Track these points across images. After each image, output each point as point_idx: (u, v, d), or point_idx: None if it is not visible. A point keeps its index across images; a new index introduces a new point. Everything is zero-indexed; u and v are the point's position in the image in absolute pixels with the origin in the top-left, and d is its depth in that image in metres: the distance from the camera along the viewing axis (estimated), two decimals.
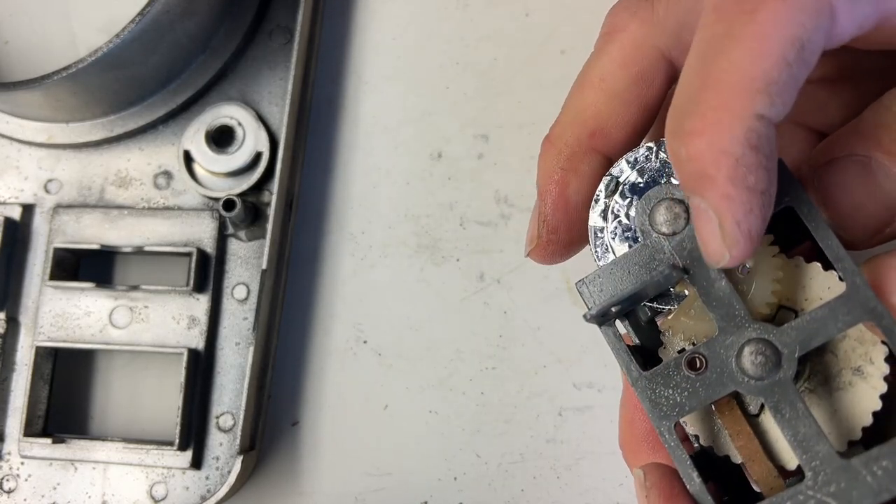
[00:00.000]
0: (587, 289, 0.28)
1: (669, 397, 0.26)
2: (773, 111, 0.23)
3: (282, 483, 0.44)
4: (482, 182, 0.45)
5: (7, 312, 0.45)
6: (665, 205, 0.28)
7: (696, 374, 0.26)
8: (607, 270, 0.28)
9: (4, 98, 0.45)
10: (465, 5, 0.48)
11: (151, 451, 0.42)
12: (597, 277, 0.28)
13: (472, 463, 0.43)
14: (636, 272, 0.28)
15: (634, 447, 0.30)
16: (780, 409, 0.25)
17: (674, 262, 0.27)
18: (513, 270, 0.44)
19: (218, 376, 0.43)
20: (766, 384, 0.25)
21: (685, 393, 0.26)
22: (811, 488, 0.24)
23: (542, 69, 0.46)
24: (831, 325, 0.25)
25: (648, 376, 0.27)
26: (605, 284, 0.28)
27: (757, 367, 0.25)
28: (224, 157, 0.45)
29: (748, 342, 0.25)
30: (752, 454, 0.26)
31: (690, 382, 0.26)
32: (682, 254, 0.27)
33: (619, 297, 0.27)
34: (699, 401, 0.26)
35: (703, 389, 0.26)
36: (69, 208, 0.46)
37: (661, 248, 0.27)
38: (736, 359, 0.26)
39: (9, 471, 0.44)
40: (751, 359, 0.25)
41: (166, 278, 0.46)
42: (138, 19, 0.42)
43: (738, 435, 0.27)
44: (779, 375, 0.25)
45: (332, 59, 0.48)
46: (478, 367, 0.44)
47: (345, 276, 0.46)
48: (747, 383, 0.25)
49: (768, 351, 0.25)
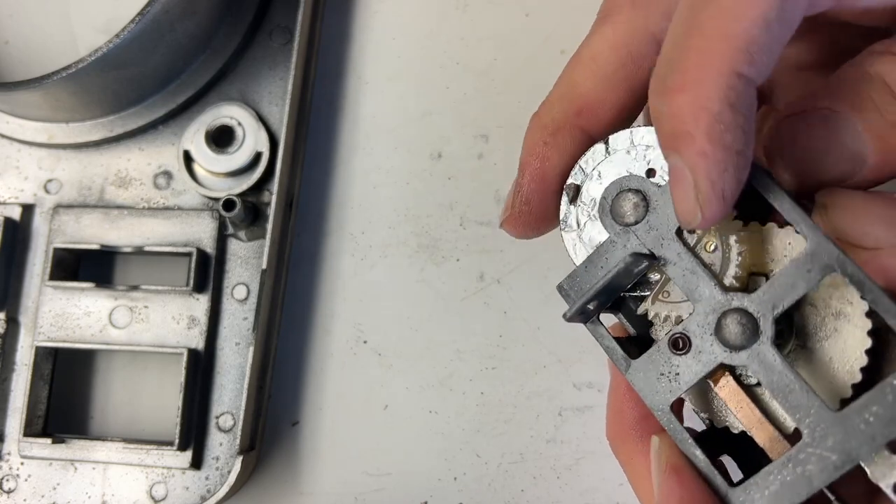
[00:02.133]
0: (566, 290, 0.29)
1: (661, 381, 0.27)
2: (753, 70, 0.24)
3: (282, 483, 0.44)
4: (482, 182, 0.45)
5: (7, 312, 0.45)
6: (624, 196, 0.28)
7: (682, 353, 0.27)
8: (582, 269, 0.29)
9: (4, 98, 0.45)
10: (465, 5, 0.48)
11: (151, 451, 0.42)
12: (573, 277, 0.29)
13: (472, 463, 0.43)
14: (607, 266, 0.28)
15: (623, 437, 0.30)
16: (765, 374, 0.25)
17: (637, 249, 0.28)
18: (513, 270, 0.44)
19: (218, 376, 0.43)
20: (748, 352, 0.26)
21: (675, 374, 0.27)
22: (810, 445, 0.24)
23: (542, 69, 0.46)
24: (800, 283, 0.25)
25: (638, 364, 0.27)
26: (581, 283, 0.29)
27: (736, 336, 0.26)
28: (224, 157, 0.45)
29: (724, 314, 0.26)
30: (754, 422, 0.27)
31: (678, 362, 0.27)
32: (647, 240, 0.28)
33: (591, 292, 0.28)
34: (691, 378, 0.27)
35: (690, 368, 0.27)
36: (69, 208, 0.46)
37: (626, 239, 0.28)
38: (716, 332, 0.26)
39: (9, 471, 0.44)
40: (729, 329, 0.26)
41: (166, 278, 0.46)
42: (138, 19, 0.42)
43: (737, 406, 0.27)
44: (759, 341, 0.25)
45: (332, 59, 0.48)
46: (478, 367, 0.44)
47: (345, 276, 0.46)
48: (731, 354, 0.26)
49: (744, 319, 0.26)
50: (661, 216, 0.28)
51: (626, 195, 0.28)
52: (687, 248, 0.27)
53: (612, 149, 0.30)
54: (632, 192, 0.28)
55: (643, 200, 0.28)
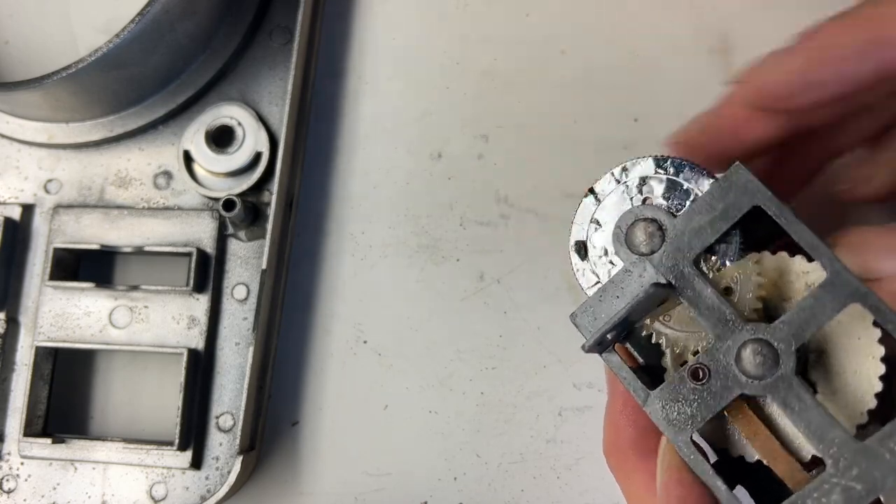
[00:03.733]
0: (581, 320, 0.29)
1: (681, 411, 0.27)
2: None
3: (282, 483, 0.44)
4: (482, 182, 0.45)
5: (7, 312, 0.45)
6: (639, 226, 0.28)
7: (702, 384, 0.27)
8: (596, 298, 0.29)
9: (4, 98, 0.45)
10: (465, 5, 0.48)
11: (151, 451, 0.42)
12: (588, 307, 0.29)
13: (472, 463, 0.43)
14: (624, 295, 0.28)
15: (622, 455, 0.30)
16: (788, 404, 0.25)
17: (657, 279, 0.27)
18: (513, 270, 0.44)
19: (218, 376, 0.43)
20: (769, 382, 0.25)
21: (695, 404, 0.27)
22: (834, 476, 0.24)
23: (542, 69, 0.46)
24: (820, 314, 0.25)
25: (657, 394, 0.27)
26: (597, 312, 0.28)
27: (757, 366, 0.26)
28: (224, 157, 0.45)
29: (744, 344, 0.26)
30: (772, 452, 0.27)
31: (697, 393, 0.27)
32: (663, 270, 0.28)
33: (611, 322, 0.28)
34: (710, 409, 0.26)
35: (711, 398, 0.26)
36: (69, 208, 0.46)
37: (643, 269, 0.28)
38: (736, 362, 0.26)
39: (9, 471, 0.44)
40: (750, 360, 0.26)
41: (166, 278, 0.46)
42: (138, 19, 0.42)
43: (755, 436, 0.27)
44: (780, 371, 0.25)
45: (332, 59, 0.48)
46: (478, 367, 0.44)
47: (345, 276, 0.46)
48: (751, 384, 0.26)
49: (765, 349, 0.26)
50: (678, 245, 0.28)
51: (640, 224, 0.28)
52: (705, 279, 0.27)
53: (600, 196, 0.30)
54: (647, 222, 0.28)
55: (659, 230, 0.28)
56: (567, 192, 0.45)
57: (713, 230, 0.27)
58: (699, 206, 0.28)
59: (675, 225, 0.28)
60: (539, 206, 0.45)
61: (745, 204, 0.27)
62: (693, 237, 0.28)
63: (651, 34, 0.46)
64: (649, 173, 0.30)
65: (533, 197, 0.45)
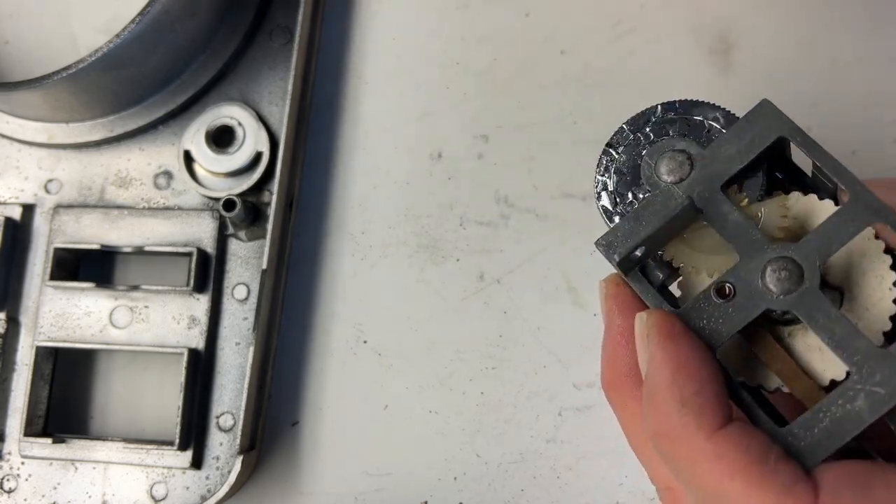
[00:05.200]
0: (608, 239, 0.29)
1: (706, 328, 0.27)
2: None
3: (282, 483, 0.44)
4: (482, 182, 0.45)
5: (7, 312, 0.45)
6: (669, 155, 0.29)
7: (727, 300, 0.27)
8: (625, 222, 0.29)
9: (4, 98, 0.45)
10: (465, 5, 0.48)
11: (151, 450, 0.42)
12: (616, 230, 0.29)
13: (472, 463, 0.43)
14: (653, 219, 0.28)
15: (618, 383, 0.30)
16: (812, 317, 0.26)
17: (686, 200, 0.28)
18: (513, 270, 0.44)
19: (218, 376, 0.43)
20: (794, 297, 0.26)
21: (720, 320, 0.27)
22: (858, 382, 0.25)
23: (542, 69, 0.46)
24: (843, 231, 0.26)
25: (682, 312, 0.28)
26: (626, 233, 0.28)
27: (782, 281, 0.26)
28: (224, 157, 0.45)
29: (770, 261, 0.27)
30: (792, 374, 0.27)
31: (723, 310, 0.27)
32: (692, 195, 0.28)
33: (642, 236, 0.28)
34: (735, 324, 0.27)
35: (736, 313, 0.27)
36: (69, 208, 0.46)
37: (671, 194, 0.28)
38: (761, 279, 0.27)
39: (9, 471, 0.44)
40: (775, 276, 0.26)
41: (166, 278, 0.46)
42: (138, 19, 0.42)
43: (774, 359, 0.28)
44: (805, 286, 0.26)
45: (332, 59, 0.48)
46: (478, 367, 0.44)
47: (345, 276, 0.46)
48: (776, 299, 0.26)
49: (790, 265, 0.26)
50: (706, 173, 0.28)
51: (670, 155, 0.29)
52: (732, 203, 0.28)
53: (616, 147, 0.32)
54: (675, 152, 0.29)
55: (688, 159, 0.29)
56: (567, 192, 0.45)
57: (740, 158, 0.28)
58: (728, 136, 0.29)
59: (704, 154, 0.29)
60: (539, 206, 0.45)
61: (771, 133, 0.28)
62: (721, 165, 0.28)
63: (651, 34, 0.46)
64: (660, 117, 0.32)
65: (533, 197, 0.45)
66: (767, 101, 0.28)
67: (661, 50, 0.45)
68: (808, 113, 0.43)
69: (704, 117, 0.32)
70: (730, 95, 0.40)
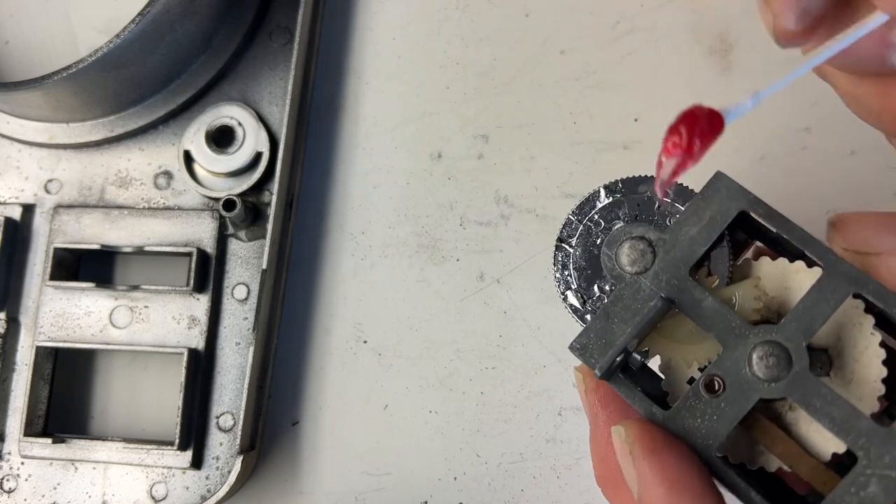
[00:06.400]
0: (582, 342, 0.28)
1: (701, 427, 0.26)
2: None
3: (282, 483, 0.44)
4: (482, 182, 0.45)
5: (7, 312, 0.45)
6: (628, 244, 0.28)
7: (717, 396, 0.26)
8: (597, 321, 0.27)
9: (5, 98, 0.45)
10: (465, 5, 0.48)
11: (151, 451, 0.42)
12: (588, 331, 0.28)
13: (472, 463, 0.43)
14: (626, 316, 0.27)
15: (615, 481, 0.29)
16: (808, 402, 0.25)
17: (658, 294, 0.27)
18: (513, 270, 0.44)
19: (218, 376, 0.43)
20: (785, 383, 0.25)
21: (715, 417, 0.26)
22: (868, 467, 0.24)
23: (542, 69, 0.46)
24: (824, 307, 0.25)
25: (673, 414, 0.26)
26: (600, 337, 0.27)
27: (771, 368, 0.25)
28: (224, 157, 0.45)
29: (755, 348, 0.26)
30: (795, 456, 0.26)
31: (715, 405, 0.26)
32: (660, 286, 0.27)
33: (622, 343, 0.27)
34: (731, 420, 0.26)
35: (730, 408, 0.26)
36: (69, 208, 0.46)
37: (638, 287, 0.27)
38: (748, 367, 0.26)
39: (9, 471, 0.44)
40: (763, 363, 0.25)
41: (166, 278, 0.46)
42: (138, 19, 0.42)
43: (774, 442, 0.27)
44: (794, 369, 0.25)
45: (332, 59, 0.48)
46: (478, 367, 0.44)
47: (345, 276, 0.46)
48: (768, 387, 0.25)
49: (777, 350, 0.25)
50: (670, 259, 0.27)
51: (630, 244, 0.28)
52: (706, 288, 0.27)
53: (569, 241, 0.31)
54: (636, 240, 0.28)
55: (649, 246, 0.28)
56: (567, 192, 0.45)
57: (703, 240, 0.27)
58: (686, 217, 0.27)
59: (664, 238, 0.27)
60: (539, 206, 0.45)
61: (732, 209, 0.27)
62: (685, 249, 0.27)
63: (651, 34, 0.46)
64: (605, 202, 0.31)
65: (533, 197, 0.45)
66: (722, 174, 0.27)
67: (661, 50, 0.45)
68: (808, 113, 0.43)
69: (652, 192, 0.30)
70: (730, 95, 0.40)
